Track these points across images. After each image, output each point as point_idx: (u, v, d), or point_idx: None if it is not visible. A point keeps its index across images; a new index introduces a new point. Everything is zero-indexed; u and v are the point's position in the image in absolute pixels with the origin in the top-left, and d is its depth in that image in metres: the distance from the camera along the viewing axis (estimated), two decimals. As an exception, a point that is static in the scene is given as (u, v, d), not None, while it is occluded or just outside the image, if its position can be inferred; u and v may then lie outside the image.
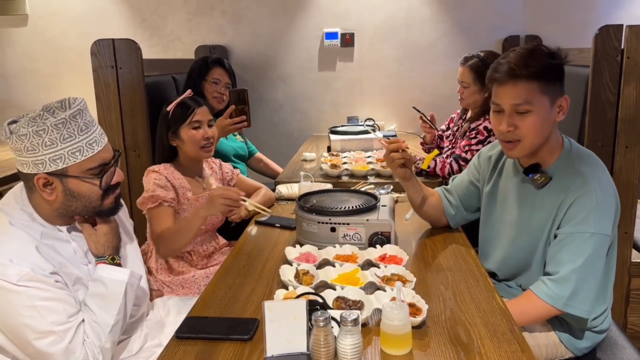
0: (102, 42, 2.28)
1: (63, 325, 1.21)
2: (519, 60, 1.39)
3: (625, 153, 2.12)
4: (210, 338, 1.16)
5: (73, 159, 1.26)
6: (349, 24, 3.78)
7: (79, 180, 1.28)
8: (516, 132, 1.43)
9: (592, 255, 1.37)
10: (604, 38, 2.07)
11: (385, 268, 1.42)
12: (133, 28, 3.86)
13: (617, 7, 3.65)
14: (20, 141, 1.23)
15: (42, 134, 1.22)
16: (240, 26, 3.83)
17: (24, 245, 1.22)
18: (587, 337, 1.50)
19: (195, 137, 1.93)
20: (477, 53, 2.59)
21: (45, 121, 1.23)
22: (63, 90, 3.91)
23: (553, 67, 1.41)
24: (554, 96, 1.42)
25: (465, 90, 2.58)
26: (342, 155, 2.87)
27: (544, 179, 1.47)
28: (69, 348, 1.21)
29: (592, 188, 1.39)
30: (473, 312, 1.25)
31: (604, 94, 2.11)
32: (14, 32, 3.93)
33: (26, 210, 1.30)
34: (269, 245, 1.73)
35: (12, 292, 1.17)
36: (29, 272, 1.18)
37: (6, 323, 1.21)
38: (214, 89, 2.81)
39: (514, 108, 1.42)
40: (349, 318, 1.03)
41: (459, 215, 1.80)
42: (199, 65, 2.84)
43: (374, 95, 3.90)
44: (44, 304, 1.19)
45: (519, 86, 1.40)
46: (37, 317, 1.18)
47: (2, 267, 1.17)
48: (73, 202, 1.30)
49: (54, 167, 1.25)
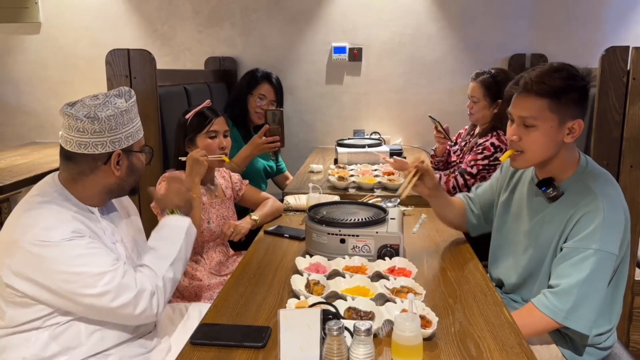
0: (117, 52, 2.32)
1: (114, 265, 1.29)
2: (537, 76, 1.42)
3: (630, 172, 2.15)
4: (224, 345, 1.18)
5: (137, 136, 1.44)
6: (357, 38, 3.83)
7: (140, 155, 1.46)
8: (520, 143, 1.48)
9: (594, 271, 1.38)
10: (610, 59, 2.11)
11: (394, 280, 1.45)
12: (144, 38, 3.91)
13: (623, 28, 3.69)
14: (107, 121, 1.34)
15: (124, 114, 1.38)
16: (250, 38, 3.88)
17: (62, 214, 1.31)
18: (590, 353, 1.51)
19: (210, 146, 1.97)
20: (488, 70, 2.64)
21: (121, 104, 1.37)
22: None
23: (570, 89, 1.41)
24: (564, 117, 1.43)
25: (475, 105, 2.62)
26: (348, 167, 2.90)
27: (555, 193, 1.49)
28: (122, 283, 1.28)
29: (600, 205, 1.41)
30: (482, 326, 1.27)
31: (610, 113, 2.14)
32: (27, 40, 3.98)
33: (61, 193, 1.37)
34: (279, 255, 1.75)
35: (58, 249, 1.24)
36: (69, 233, 1.27)
37: (55, 279, 1.25)
38: (258, 104, 2.87)
39: (522, 120, 1.46)
40: (362, 328, 1.05)
41: (479, 225, 1.84)
42: (247, 78, 2.91)
43: (380, 110, 3.94)
44: (91, 251, 1.28)
45: (529, 101, 1.43)
46: (88, 264, 1.26)
47: (44, 230, 1.25)
48: (129, 177, 1.44)
49: (126, 144, 1.40)
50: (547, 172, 1.53)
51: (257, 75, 2.91)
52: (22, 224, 1.29)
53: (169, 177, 1.82)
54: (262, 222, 2.10)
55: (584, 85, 1.44)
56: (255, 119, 2.90)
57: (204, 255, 2.00)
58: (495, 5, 3.71)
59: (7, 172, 2.76)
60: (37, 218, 1.28)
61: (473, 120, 2.71)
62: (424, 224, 2.04)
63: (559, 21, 3.72)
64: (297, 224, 2.09)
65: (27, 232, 1.25)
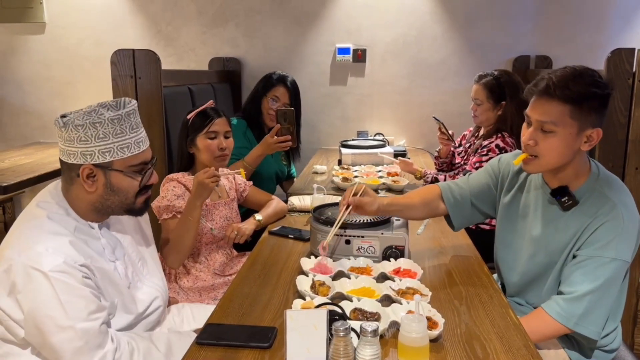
0: (122, 52, 2.32)
1: (83, 322, 1.23)
2: (560, 80, 1.37)
3: (635, 174, 2.14)
4: (231, 345, 1.18)
5: (120, 153, 1.33)
6: (361, 40, 3.83)
7: (122, 174, 1.35)
8: (535, 147, 1.43)
9: (609, 280, 1.38)
10: (615, 61, 2.12)
11: (400, 281, 1.44)
12: (148, 38, 3.91)
13: (628, 30, 3.69)
14: (75, 131, 1.29)
15: (98, 127, 1.29)
16: (254, 39, 3.88)
17: (59, 238, 1.28)
18: (597, 356, 1.51)
19: (210, 146, 1.96)
20: (491, 72, 2.63)
21: (101, 116, 1.29)
22: (77, 97, 3.97)
23: (592, 97, 1.36)
24: (584, 125, 1.39)
25: (479, 107, 2.61)
26: (353, 168, 2.90)
27: (571, 202, 1.45)
28: (81, 349, 1.22)
29: (620, 214, 1.39)
30: (488, 327, 1.27)
31: (615, 115, 2.14)
32: (31, 40, 3.99)
33: (62, 205, 1.36)
34: (283, 256, 1.75)
35: (44, 281, 1.21)
36: (61, 263, 1.23)
37: (33, 308, 1.23)
38: (271, 105, 2.88)
39: (540, 124, 1.41)
40: (369, 329, 1.05)
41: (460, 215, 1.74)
42: (264, 80, 2.92)
43: (384, 111, 3.94)
44: (71, 295, 1.23)
45: (550, 105, 1.38)
46: (59, 308, 1.21)
47: (38, 255, 1.22)
48: (111, 196, 1.36)
49: (101, 159, 1.31)
50: (560, 179, 1.49)
51: (272, 77, 2.93)
52: (19, 241, 1.27)
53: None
54: (266, 222, 2.10)
55: (608, 94, 1.39)
56: (268, 120, 2.90)
57: (207, 257, 2.00)
58: (500, 7, 3.71)
59: (11, 172, 2.77)
60: (34, 238, 1.25)
61: (477, 123, 2.71)
62: (428, 226, 2.03)
63: (564, 23, 3.72)
64: (302, 224, 2.09)
65: (22, 252, 1.23)
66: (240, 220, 2.15)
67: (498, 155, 1.77)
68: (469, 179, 1.76)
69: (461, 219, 1.76)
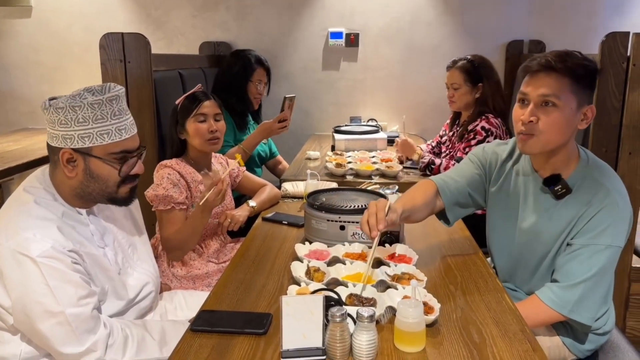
0: (111, 36, 2.28)
1: (73, 308, 1.21)
2: (556, 55, 1.39)
3: (628, 159, 2.14)
4: (225, 332, 1.17)
5: (100, 140, 1.29)
6: (354, 24, 3.79)
7: (101, 161, 1.32)
8: (536, 125, 1.40)
9: (604, 267, 1.38)
10: (610, 45, 2.10)
11: (395, 267, 1.44)
12: (138, 23, 3.85)
13: (621, 15, 3.68)
14: (56, 113, 1.27)
15: (77, 110, 1.26)
16: (245, 23, 3.83)
17: (47, 223, 1.26)
18: (590, 339, 1.52)
19: (200, 130, 1.93)
20: (463, 56, 2.64)
21: (83, 100, 1.27)
22: (66, 82, 3.90)
23: (587, 70, 1.40)
24: (582, 101, 1.40)
25: (456, 92, 2.60)
26: (346, 154, 2.88)
27: (565, 190, 1.44)
28: (72, 335, 1.21)
29: (615, 200, 1.39)
30: (484, 312, 1.27)
31: (609, 100, 2.13)
32: (18, 24, 3.91)
33: (49, 191, 1.33)
34: (277, 242, 1.74)
35: (33, 266, 1.20)
36: (49, 248, 1.21)
37: (22, 294, 1.21)
38: (257, 89, 2.90)
39: (541, 99, 1.39)
40: (366, 314, 1.04)
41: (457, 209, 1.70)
42: (242, 65, 2.89)
43: (377, 96, 3.91)
44: (61, 280, 1.21)
45: (552, 78, 1.38)
46: (49, 294, 1.20)
47: (25, 241, 1.20)
48: (91, 183, 1.33)
49: (80, 144, 1.29)
50: (552, 165, 1.47)
51: (251, 61, 2.91)
52: (7, 226, 1.24)
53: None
54: (260, 209, 2.08)
55: (596, 69, 1.42)
56: (255, 104, 2.90)
57: (201, 244, 1.98)
58: (494, -9, 3.68)
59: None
60: (21, 224, 1.23)
61: (455, 108, 2.69)
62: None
63: (558, 8, 3.70)
64: (295, 210, 2.08)
65: (10, 238, 1.22)
66: (234, 204, 2.13)
67: (480, 145, 1.74)
68: (463, 171, 1.72)
69: (457, 213, 1.72)
